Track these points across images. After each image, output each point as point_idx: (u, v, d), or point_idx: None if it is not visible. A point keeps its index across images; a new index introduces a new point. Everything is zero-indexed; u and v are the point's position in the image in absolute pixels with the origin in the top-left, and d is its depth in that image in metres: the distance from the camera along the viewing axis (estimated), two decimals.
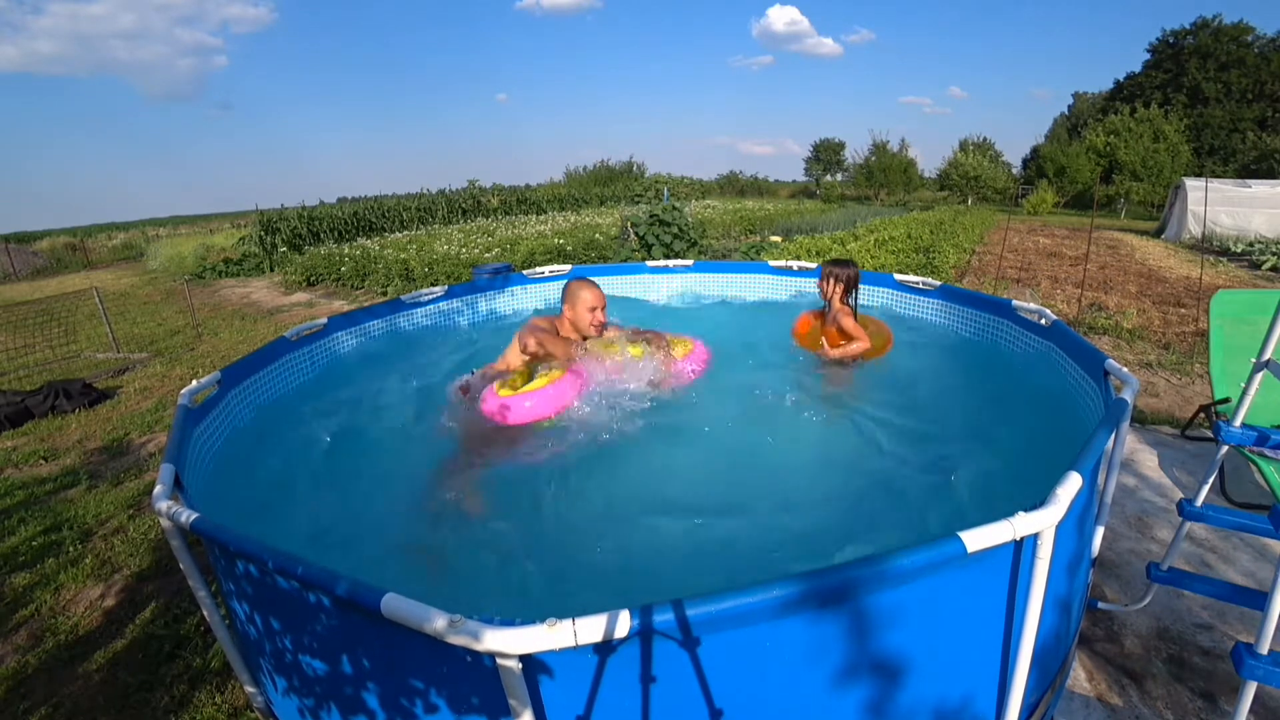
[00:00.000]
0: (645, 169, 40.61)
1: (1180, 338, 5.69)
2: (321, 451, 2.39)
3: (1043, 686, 1.58)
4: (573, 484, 2.15)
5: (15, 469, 4.01)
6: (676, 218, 10.51)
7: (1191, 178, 16.64)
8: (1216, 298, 3.11)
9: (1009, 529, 1.12)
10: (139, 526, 3.18)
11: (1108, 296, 7.61)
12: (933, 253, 9.99)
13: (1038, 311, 2.66)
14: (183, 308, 9.48)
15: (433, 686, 1.18)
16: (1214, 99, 36.40)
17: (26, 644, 2.41)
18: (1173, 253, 12.51)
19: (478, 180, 27.24)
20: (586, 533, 1.96)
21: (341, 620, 1.25)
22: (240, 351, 6.47)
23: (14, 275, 18.83)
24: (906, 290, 3.53)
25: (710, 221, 16.88)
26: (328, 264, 12.03)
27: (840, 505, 2.02)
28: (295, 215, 17.26)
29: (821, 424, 2.60)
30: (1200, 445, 3.54)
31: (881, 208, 28.18)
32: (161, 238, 23.91)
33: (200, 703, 2.07)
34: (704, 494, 2.14)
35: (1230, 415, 1.83)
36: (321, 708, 1.44)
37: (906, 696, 1.25)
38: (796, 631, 1.11)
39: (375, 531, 2.02)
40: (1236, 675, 1.49)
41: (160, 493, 1.48)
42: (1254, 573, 2.48)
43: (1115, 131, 33.13)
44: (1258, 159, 30.43)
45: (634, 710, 1.10)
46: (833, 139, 49.66)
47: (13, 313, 8.73)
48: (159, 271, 16.47)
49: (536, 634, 0.94)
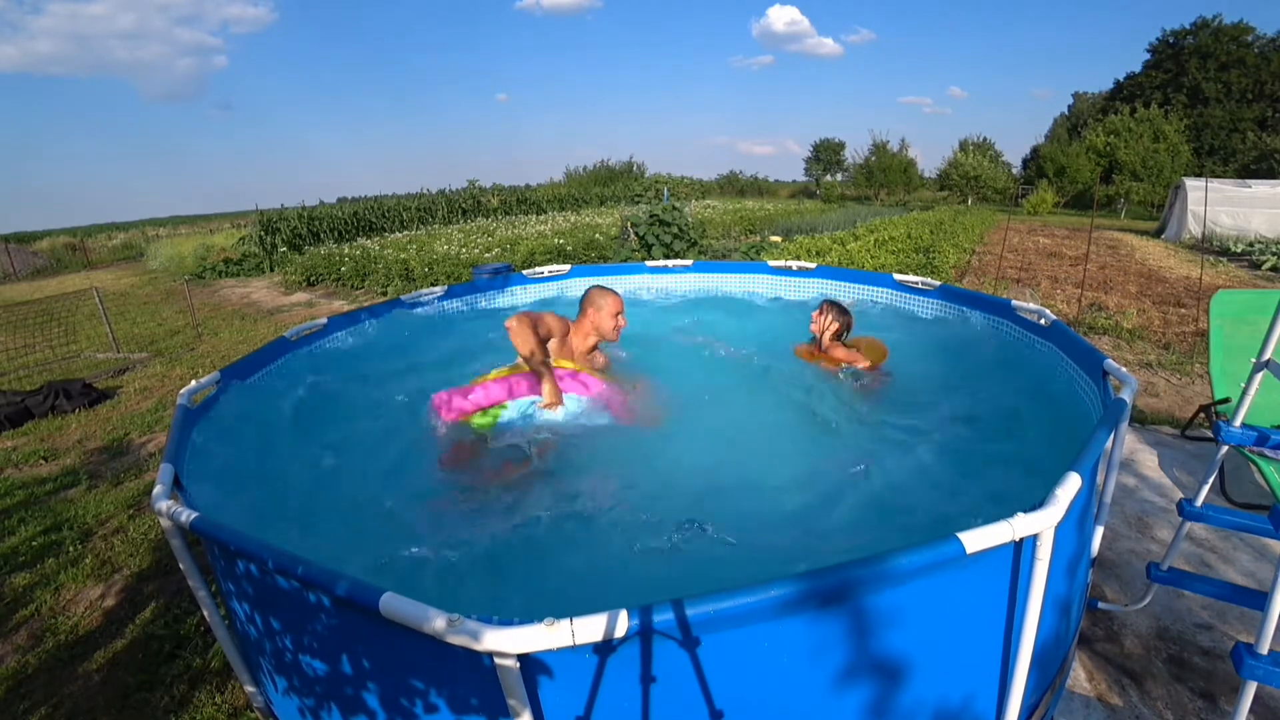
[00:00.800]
0: (645, 169, 40.62)
1: (1180, 338, 5.69)
2: (321, 451, 2.38)
3: (1043, 687, 1.58)
4: (572, 484, 2.15)
5: (15, 469, 4.01)
6: (676, 218, 10.50)
7: (1191, 178, 16.64)
8: (1216, 298, 3.11)
9: (1008, 530, 1.12)
10: (139, 526, 3.18)
11: (1108, 296, 7.61)
12: (933, 253, 9.99)
13: (1037, 311, 2.66)
14: (183, 308, 9.48)
15: (432, 686, 1.18)
16: (1214, 99, 36.38)
17: (26, 644, 2.41)
18: (1173, 253, 12.50)
19: (478, 180, 27.24)
20: (586, 531, 1.96)
21: (341, 620, 1.25)
22: (240, 351, 6.47)
23: (14, 275, 18.84)
24: (906, 290, 3.53)
25: (710, 221, 16.89)
26: (328, 264, 12.03)
27: (837, 505, 2.02)
28: (295, 215, 17.27)
29: (819, 424, 2.59)
30: (1200, 445, 3.54)
31: (881, 208, 28.19)
32: (161, 238, 23.91)
33: (200, 703, 2.07)
34: (704, 493, 2.14)
35: (1230, 415, 1.83)
36: (321, 707, 1.44)
37: (906, 696, 1.25)
38: (796, 631, 1.11)
39: (375, 531, 2.01)
40: (1236, 675, 1.49)
41: (160, 493, 1.48)
42: (1254, 573, 2.48)
43: (1115, 131, 33.09)
44: (1258, 159, 30.42)
45: (633, 710, 1.10)
46: (833, 139, 49.65)
47: (13, 313, 8.73)
48: (159, 271, 16.47)
49: (535, 633, 0.94)
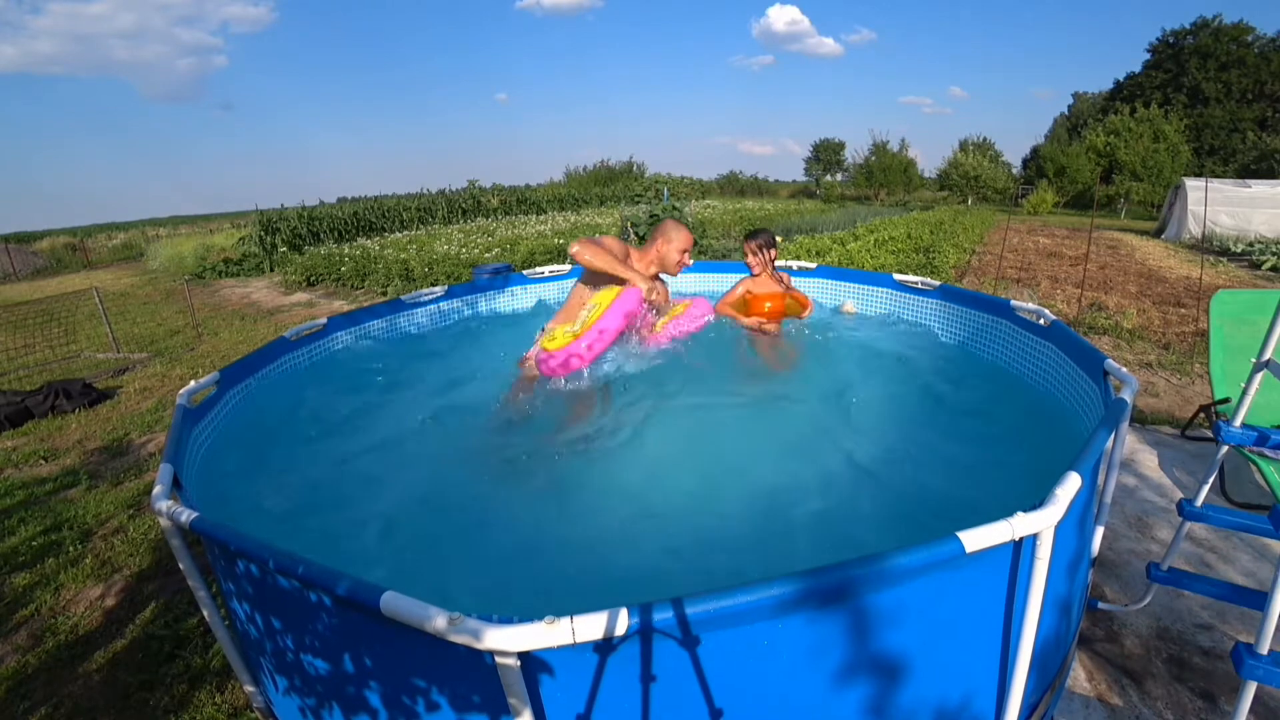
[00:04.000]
0: (645, 169, 40.62)
1: (1180, 338, 5.69)
2: (320, 451, 2.38)
3: (1042, 687, 1.58)
4: (570, 482, 2.15)
5: (15, 469, 4.01)
6: (676, 218, 10.51)
7: (1191, 178, 16.64)
8: (1216, 298, 3.11)
9: (1008, 529, 1.12)
10: (139, 526, 3.18)
11: (1108, 296, 7.61)
12: (933, 253, 10.00)
13: (1037, 311, 2.66)
14: (183, 308, 9.48)
15: (433, 685, 1.18)
16: (1214, 99, 36.38)
17: (26, 644, 2.41)
18: (1173, 253, 12.50)
19: (478, 180, 27.29)
20: (586, 532, 1.96)
21: (341, 619, 1.25)
22: (240, 351, 6.47)
23: (14, 275, 18.83)
24: (906, 290, 3.52)
25: (710, 221, 16.89)
26: (328, 264, 12.03)
27: (837, 505, 2.02)
28: (295, 215, 17.26)
29: (819, 424, 2.59)
30: (1200, 445, 3.54)
31: (881, 208, 28.18)
32: (161, 238, 23.89)
33: (200, 703, 2.07)
34: (703, 494, 2.14)
35: (1230, 415, 1.83)
36: (322, 707, 1.44)
37: (906, 696, 1.25)
38: (796, 630, 1.11)
39: (373, 532, 2.01)
40: (1236, 675, 1.49)
41: (159, 493, 1.48)
42: (1254, 573, 2.48)
43: (1115, 131, 33.08)
44: (1258, 159, 30.39)
45: (634, 709, 1.10)
46: (833, 139, 49.68)
47: (13, 313, 8.72)
48: (159, 271, 16.46)
49: (535, 632, 0.94)
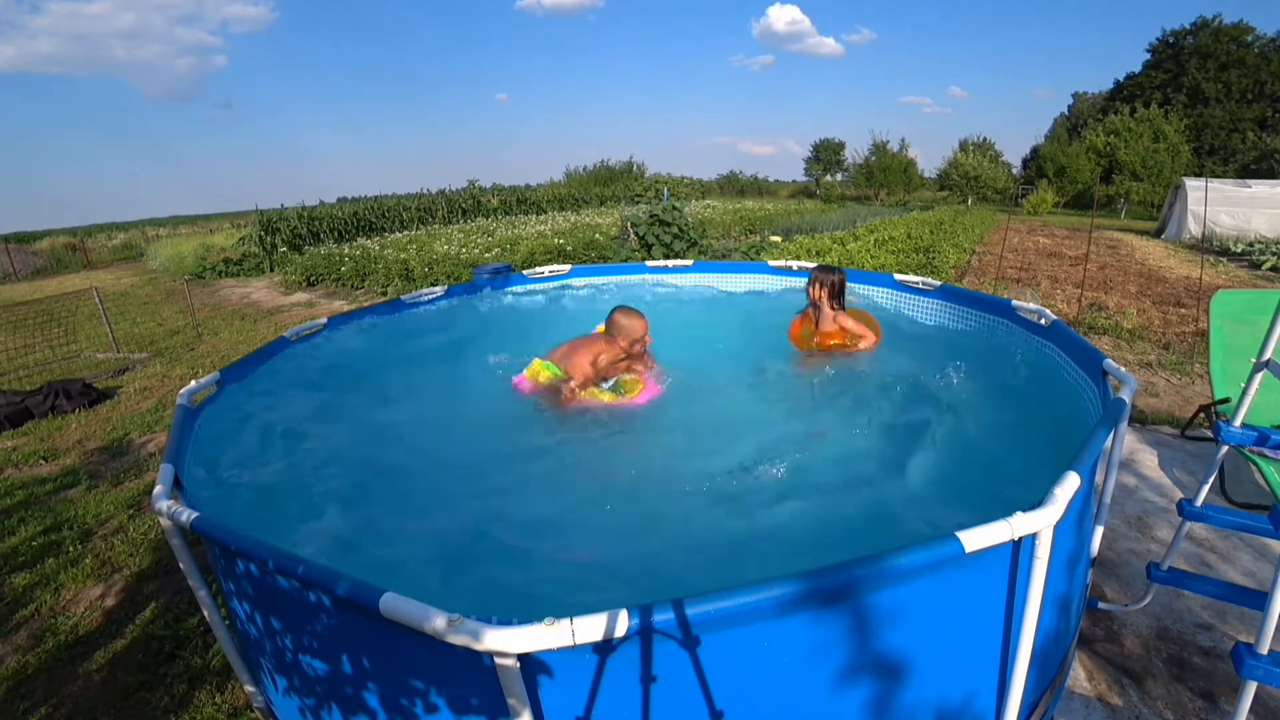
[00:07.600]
0: (645, 169, 40.60)
1: (1180, 338, 5.69)
2: (319, 451, 2.38)
3: (1042, 686, 1.58)
4: (570, 482, 2.15)
5: (15, 469, 4.01)
6: (676, 218, 10.49)
7: (1191, 178, 16.63)
8: (1216, 298, 3.11)
9: (1007, 529, 1.12)
10: (139, 526, 3.18)
11: (1108, 296, 7.61)
12: (933, 253, 9.99)
13: (1037, 311, 2.66)
14: (183, 308, 9.47)
15: (432, 686, 1.18)
16: (1214, 99, 36.36)
17: (26, 644, 2.41)
18: (1173, 253, 12.50)
19: (478, 180, 27.27)
20: (586, 532, 1.96)
21: (341, 620, 1.25)
22: (240, 351, 6.46)
23: (14, 275, 18.82)
24: (906, 290, 3.52)
25: (710, 221, 16.90)
26: (328, 264, 12.03)
27: (836, 504, 2.02)
28: (295, 215, 17.26)
29: (819, 423, 2.59)
30: (1200, 445, 3.54)
31: (881, 208, 28.18)
32: (161, 238, 23.90)
33: (200, 703, 2.07)
34: (702, 494, 2.14)
35: (1230, 415, 1.83)
36: (321, 707, 1.44)
37: (906, 695, 1.25)
38: (796, 631, 1.11)
39: (373, 532, 2.01)
40: (1236, 675, 1.49)
41: (160, 493, 1.48)
42: (1254, 573, 2.48)
43: (1115, 131, 33.06)
44: (1258, 159, 30.37)
45: (634, 710, 1.10)
46: (833, 139, 49.62)
47: (13, 313, 8.72)
48: (159, 271, 16.47)
49: (535, 633, 0.94)
